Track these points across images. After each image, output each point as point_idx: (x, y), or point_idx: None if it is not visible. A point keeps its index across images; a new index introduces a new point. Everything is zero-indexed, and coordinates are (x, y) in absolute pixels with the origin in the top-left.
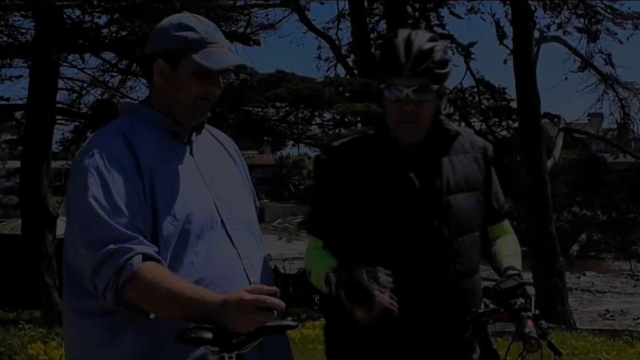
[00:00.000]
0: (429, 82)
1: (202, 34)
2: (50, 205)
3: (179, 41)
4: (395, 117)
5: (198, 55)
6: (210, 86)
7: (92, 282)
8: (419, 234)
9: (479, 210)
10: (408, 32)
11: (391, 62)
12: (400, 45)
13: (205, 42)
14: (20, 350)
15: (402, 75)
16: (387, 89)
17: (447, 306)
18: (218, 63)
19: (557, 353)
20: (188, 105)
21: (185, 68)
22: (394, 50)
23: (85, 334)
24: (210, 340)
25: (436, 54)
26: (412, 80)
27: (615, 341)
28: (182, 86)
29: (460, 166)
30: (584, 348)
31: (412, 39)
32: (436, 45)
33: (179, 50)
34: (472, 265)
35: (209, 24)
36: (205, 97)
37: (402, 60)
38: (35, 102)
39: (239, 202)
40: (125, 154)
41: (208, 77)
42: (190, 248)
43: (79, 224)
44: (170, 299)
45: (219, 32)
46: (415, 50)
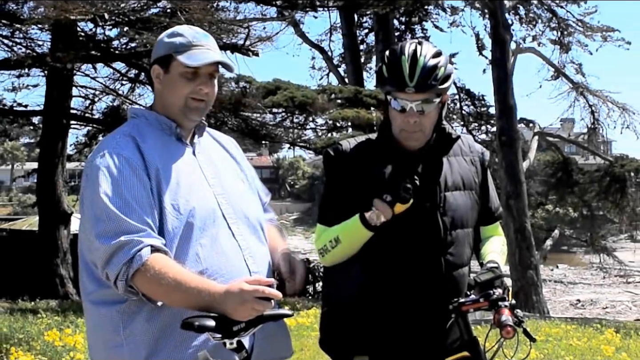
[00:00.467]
0: (431, 96)
1: (189, 38)
2: (65, 203)
3: (169, 47)
4: (399, 125)
5: (182, 55)
6: (199, 86)
7: (104, 271)
8: (417, 226)
9: (472, 208)
10: (414, 48)
11: (397, 79)
12: (406, 63)
13: (191, 44)
14: (38, 337)
15: (406, 92)
16: (394, 99)
17: (437, 292)
18: (198, 60)
19: (531, 339)
20: (180, 106)
21: (175, 70)
22: (399, 68)
23: (101, 321)
24: (213, 328)
25: (439, 70)
26: (415, 95)
27: (586, 328)
28: (173, 87)
29: (458, 167)
30: (557, 335)
31: (418, 56)
32: (439, 61)
33: (169, 55)
34: (463, 257)
35: (198, 30)
36: (194, 96)
37: (407, 79)
38: (51, 109)
39: (240, 198)
40: (133, 154)
41: (196, 77)
42: (195, 240)
43: (92, 218)
44: (177, 288)
45: (207, 37)
46: (419, 69)
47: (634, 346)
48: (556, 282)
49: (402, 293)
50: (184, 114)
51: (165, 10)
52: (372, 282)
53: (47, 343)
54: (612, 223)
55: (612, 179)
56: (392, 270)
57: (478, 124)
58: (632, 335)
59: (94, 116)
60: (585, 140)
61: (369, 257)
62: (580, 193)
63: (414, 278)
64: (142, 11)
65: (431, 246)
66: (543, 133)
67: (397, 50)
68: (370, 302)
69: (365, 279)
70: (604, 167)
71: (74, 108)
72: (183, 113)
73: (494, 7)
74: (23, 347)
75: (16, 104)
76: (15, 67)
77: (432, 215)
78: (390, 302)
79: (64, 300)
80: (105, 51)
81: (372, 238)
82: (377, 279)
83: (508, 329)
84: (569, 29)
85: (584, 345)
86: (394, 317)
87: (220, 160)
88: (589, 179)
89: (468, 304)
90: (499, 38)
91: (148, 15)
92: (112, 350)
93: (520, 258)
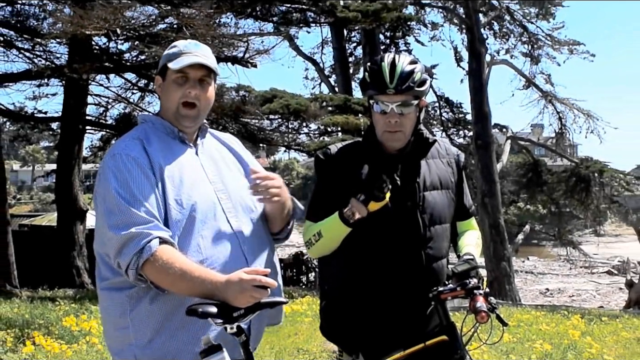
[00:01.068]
0: (409, 98)
1: (180, 48)
2: (81, 201)
3: (165, 58)
4: (382, 127)
5: (172, 62)
6: (188, 89)
7: (116, 260)
8: (399, 223)
9: (449, 206)
10: (393, 57)
11: (378, 82)
12: (386, 68)
13: (181, 52)
14: (56, 323)
15: (387, 94)
16: (376, 103)
17: (418, 283)
18: (182, 63)
19: (504, 324)
20: (173, 111)
21: (169, 78)
22: (380, 73)
23: (112, 304)
24: (215, 314)
25: (416, 75)
26: (395, 97)
27: (554, 315)
28: (167, 93)
29: (436, 168)
30: (528, 320)
31: (396, 62)
32: (416, 67)
33: (165, 65)
34: (441, 250)
35: (191, 41)
36: (185, 100)
37: (387, 81)
38: (68, 115)
39: (240, 194)
40: (141, 155)
41: (186, 82)
42: (196, 232)
43: (105, 212)
44: (182, 277)
45: (198, 46)
46: (398, 72)
47: (597, 331)
48: (527, 273)
49: (386, 283)
50: (177, 119)
51: (172, 26)
52: (356, 275)
53: (65, 328)
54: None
55: (578, 179)
56: (377, 263)
57: (456, 129)
58: (595, 321)
59: (108, 122)
60: (553, 144)
61: (355, 252)
62: (549, 192)
63: (397, 270)
64: (151, 27)
65: (412, 241)
66: (515, 137)
67: (378, 59)
68: (353, 294)
69: (345, 273)
70: (571, 168)
71: (89, 115)
72: (176, 119)
73: (471, 23)
74: (43, 332)
75: (37, 111)
76: (35, 77)
77: (413, 213)
78: (376, 291)
79: (80, 289)
80: (118, 63)
81: (358, 234)
82: (363, 272)
83: (482, 315)
84: (538, 42)
85: (552, 329)
86: (380, 306)
87: (222, 159)
88: (557, 179)
89: (446, 293)
90: (475, 51)
91: (156, 30)
92: (120, 332)
93: (494, 251)
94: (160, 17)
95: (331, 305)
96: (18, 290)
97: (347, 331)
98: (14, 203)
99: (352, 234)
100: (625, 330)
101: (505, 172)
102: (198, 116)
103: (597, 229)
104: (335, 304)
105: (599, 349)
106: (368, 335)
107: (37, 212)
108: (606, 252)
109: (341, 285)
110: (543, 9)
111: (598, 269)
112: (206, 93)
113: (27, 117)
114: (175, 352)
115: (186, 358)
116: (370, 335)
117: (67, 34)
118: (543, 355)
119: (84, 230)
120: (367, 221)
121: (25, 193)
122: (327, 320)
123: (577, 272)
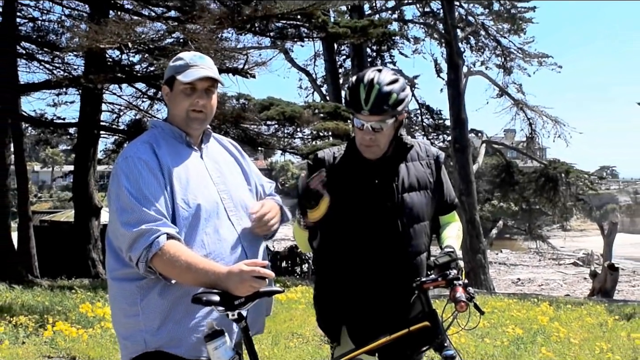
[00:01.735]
0: (385, 117)
1: (186, 61)
2: (96, 199)
3: (172, 70)
4: (359, 139)
5: (181, 75)
6: (196, 99)
7: (128, 254)
8: (380, 224)
9: (427, 204)
10: (372, 77)
11: (355, 103)
12: (362, 90)
13: (188, 65)
14: (73, 309)
15: (362, 114)
16: (355, 117)
17: (400, 277)
18: (191, 77)
19: (480, 312)
20: (182, 117)
21: (177, 88)
22: (357, 93)
23: (122, 294)
24: (218, 302)
25: (392, 96)
26: (370, 117)
27: (525, 302)
28: (176, 102)
29: (415, 170)
30: (501, 307)
31: (374, 83)
32: (394, 87)
33: (172, 76)
34: (420, 247)
35: (196, 54)
36: (194, 108)
37: (362, 103)
38: (84, 121)
39: (240, 195)
40: (151, 157)
41: (194, 92)
42: (201, 229)
43: (117, 210)
44: (188, 269)
45: (202, 59)
46: (373, 95)
47: (564, 316)
48: (500, 264)
49: (371, 277)
50: (187, 123)
51: (179, 40)
52: (343, 269)
53: (81, 314)
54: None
55: (547, 179)
56: (361, 259)
57: (436, 134)
58: (562, 307)
59: (120, 127)
60: (524, 147)
61: (342, 249)
62: (520, 191)
63: (380, 265)
64: (159, 41)
65: (392, 239)
66: (489, 141)
67: (358, 77)
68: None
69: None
70: (540, 169)
71: (103, 121)
72: (186, 123)
73: (449, 37)
74: (61, 317)
75: (56, 117)
76: (54, 87)
77: (392, 214)
78: (362, 284)
79: (95, 279)
80: (129, 74)
81: (345, 234)
82: (349, 266)
83: (462, 304)
84: (511, 55)
85: (523, 315)
86: (367, 296)
87: (224, 162)
88: (527, 179)
89: (428, 283)
90: (454, 63)
91: (164, 44)
92: (131, 319)
93: (470, 244)
94: (168, 32)
95: (320, 295)
96: (39, 280)
97: (333, 319)
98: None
99: (339, 232)
100: (589, 316)
101: (480, 173)
102: (205, 119)
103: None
104: (325, 294)
105: (565, 333)
106: (356, 322)
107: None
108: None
109: (330, 278)
110: (515, 25)
111: (565, 260)
112: (211, 101)
113: (47, 122)
114: (180, 337)
115: (190, 342)
116: (358, 322)
117: (84, 48)
118: (515, 338)
119: (98, 226)
120: (351, 222)
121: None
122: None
123: (546, 263)
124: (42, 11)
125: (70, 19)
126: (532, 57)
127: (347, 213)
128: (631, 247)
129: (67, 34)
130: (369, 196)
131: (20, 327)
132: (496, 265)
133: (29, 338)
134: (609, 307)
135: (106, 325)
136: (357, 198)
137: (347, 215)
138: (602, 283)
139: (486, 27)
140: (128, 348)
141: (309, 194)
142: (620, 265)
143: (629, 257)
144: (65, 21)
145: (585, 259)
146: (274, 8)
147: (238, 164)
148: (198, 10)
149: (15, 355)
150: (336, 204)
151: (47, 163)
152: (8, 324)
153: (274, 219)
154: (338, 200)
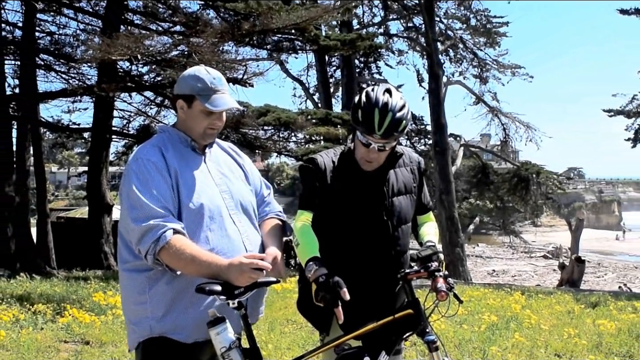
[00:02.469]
0: (392, 140)
1: (208, 84)
2: (108, 197)
3: (191, 88)
4: (361, 154)
5: (206, 101)
6: (214, 120)
7: (137, 247)
8: (372, 225)
9: (412, 207)
10: (386, 101)
11: (368, 126)
12: (377, 115)
13: (210, 89)
14: (87, 298)
15: (373, 137)
16: (361, 134)
17: (388, 272)
18: (218, 107)
19: (459, 301)
20: (199, 133)
21: (196, 108)
22: (371, 118)
23: (132, 283)
24: (220, 292)
25: (402, 123)
26: (380, 140)
27: (499, 292)
28: (194, 120)
29: (402, 176)
30: (478, 296)
31: (388, 108)
32: (404, 114)
33: (192, 95)
34: (406, 246)
35: (215, 75)
36: (211, 127)
37: (376, 128)
38: (97, 126)
39: (240, 195)
40: (158, 159)
41: (212, 114)
42: (205, 227)
43: (128, 207)
44: (192, 261)
45: (221, 81)
46: (387, 121)
47: (535, 305)
48: (477, 257)
49: (365, 273)
50: (202, 138)
51: (183, 52)
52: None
53: (94, 302)
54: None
55: (519, 179)
56: (353, 256)
57: (418, 138)
58: (533, 296)
59: (130, 132)
60: (499, 150)
61: (334, 247)
62: (495, 190)
63: (371, 263)
64: (166, 53)
65: (383, 240)
66: (467, 145)
67: (372, 99)
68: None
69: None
70: (513, 171)
71: (115, 126)
72: (202, 137)
73: (430, 50)
74: (76, 305)
75: (71, 123)
76: (70, 95)
77: (384, 217)
78: (356, 279)
79: (107, 271)
80: (138, 83)
81: (337, 234)
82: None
83: (442, 294)
84: (486, 66)
85: (498, 304)
86: (359, 290)
87: (226, 165)
88: (502, 179)
89: (412, 274)
90: (434, 73)
91: (170, 56)
92: (139, 307)
93: (449, 239)
94: (174, 45)
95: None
96: (56, 271)
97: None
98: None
99: (331, 234)
100: (558, 304)
101: (459, 174)
102: (217, 133)
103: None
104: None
105: (536, 319)
106: (347, 312)
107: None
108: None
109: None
110: (490, 39)
111: (535, 253)
112: (224, 120)
113: (64, 128)
114: (184, 324)
115: (193, 329)
116: (349, 312)
117: (97, 59)
118: (490, 325)
119: (110, 222)
120: (347, 224)
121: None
122: (304, 298)
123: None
124: (59, 26)
125: (84, 33)
126: (506, 68)
127: (344, 216)
128: (596, 242)
129: (81, 47)
130: (363, 200)
131: (39, 315)
132: (473, 258)
133: (47, 324)
134: (576, 296)
135: (117, 312)
136: (352, 202)
137: (343, 218)
138: (569, 274)
139: (464, 41)
140: (136, 333)
141: (332, 294)
142: (587, 258)
143: (594, 251)
144: (80, 35)
145: (554, 252)
146: (271, 23)
147: (239, 165)
148: (201, 25)
149: (35, 340)
150: (333, 207)
151: (64, 164)
152: (28, 311)
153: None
154: (335, 204)
